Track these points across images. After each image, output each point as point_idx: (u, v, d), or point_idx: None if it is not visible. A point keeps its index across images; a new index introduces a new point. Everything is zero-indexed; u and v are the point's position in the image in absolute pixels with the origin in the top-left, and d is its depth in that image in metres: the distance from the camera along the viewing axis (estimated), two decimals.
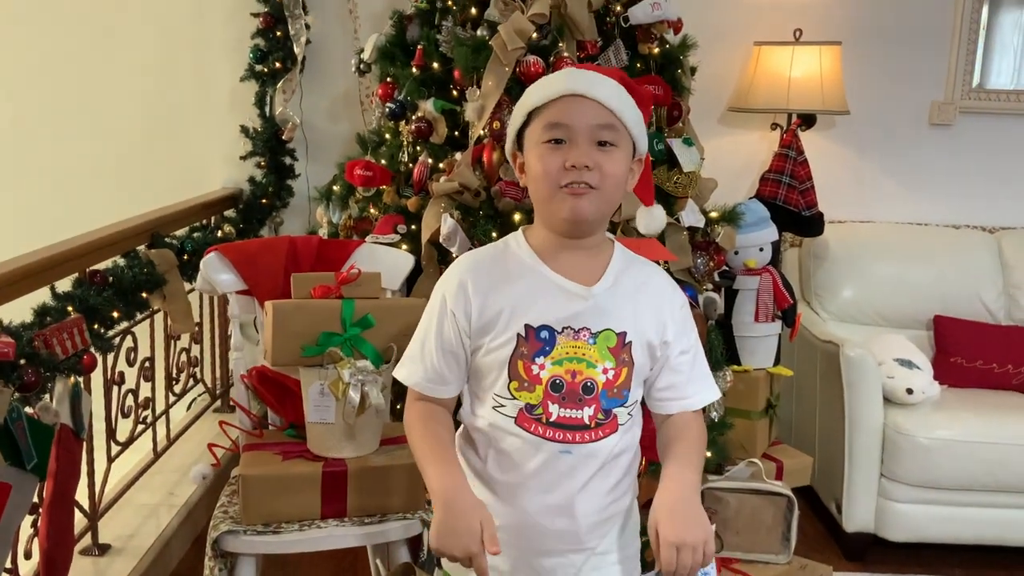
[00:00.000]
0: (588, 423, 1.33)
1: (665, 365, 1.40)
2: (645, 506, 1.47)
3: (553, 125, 1.29)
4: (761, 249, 2.83)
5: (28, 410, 1.77)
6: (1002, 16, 3.51)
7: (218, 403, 3.34)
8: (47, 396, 1.89)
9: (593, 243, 1.36)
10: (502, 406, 1.34)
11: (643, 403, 1.44)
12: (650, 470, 2.08)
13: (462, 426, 1.45)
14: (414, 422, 1.39)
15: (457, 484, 1.30)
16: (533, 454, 1.33)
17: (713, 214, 2.67)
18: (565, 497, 1.34)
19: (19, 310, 1.98)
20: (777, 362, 2.89)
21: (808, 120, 3.28)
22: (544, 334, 1.31)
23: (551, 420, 1.32)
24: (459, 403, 1.45)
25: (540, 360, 1.31)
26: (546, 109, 1.30)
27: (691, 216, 2.57)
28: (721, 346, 2.70)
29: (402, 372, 1.42)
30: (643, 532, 1.44)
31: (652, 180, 2.42)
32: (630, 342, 1.34)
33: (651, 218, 2.36)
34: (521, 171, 1.36)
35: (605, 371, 1.32)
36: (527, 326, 1.31)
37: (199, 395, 3.24)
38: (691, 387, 1.42)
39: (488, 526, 1.25)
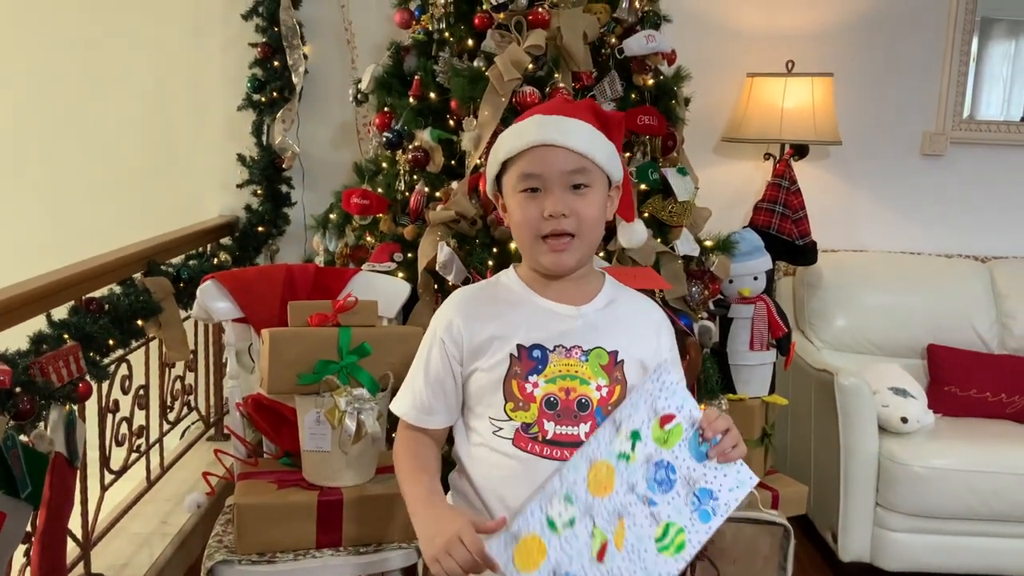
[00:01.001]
0: (584, 440, 1.34)
1: None
2: None
3: (527, 176, 1.33)
4: (755, 278, 2.85)
5: (23, 438, 1.77)
6: (991, 47, 3.56)
7: (212, 431, 3.33)
8: (42, 424, 1.89)
9: (581, 275, 1.41)
10: (500, 429, 1.35)
11: None
12: None
13: (455, 470, 1.45)
14: (401, 450, 1.41)
15: (436, 495, 1.33)
16: (530, 473, 1.33)
17: (708, 243, 2.69)
18: None
19: (15, 338, 1.98)
20: (772, 391, 2.89)
21: (801, 150, 3.30)
22: (536, 353, 1.34)
23: (547, 438, 1.33)
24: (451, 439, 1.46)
25: (533, 378, 1.33)
26: (519, 159, 1.34)
27: (686, 245, 2.59)
28: (716, 374, 2.71)
29: (396, 405, 1.45)
30: None
31: (632, 198, 2.44)
32: (622, 361, 1.37)
33: (632, 232, 2.37)
34: (504, 211, 1.41)
35: (599, 388, 1.35)
36: (519, 346, 1.34)
37: (193, 423, 3.23)
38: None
39: (475, 517, 1.26)
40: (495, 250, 2.42)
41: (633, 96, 2.62)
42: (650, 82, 2.63)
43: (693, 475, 1.27)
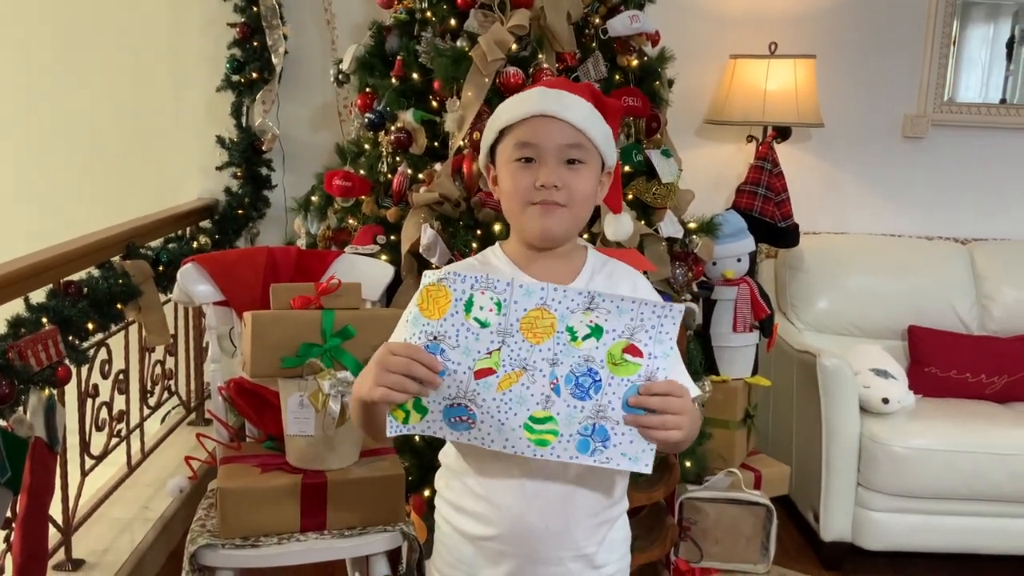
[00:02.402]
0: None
1: None
2: (633, 513, 1.47)
3: (523, 144, 1.32)
4: (739, 260, 2.86)
5: (1, 423, 1.75)
6: (971, 31, 3.58)
7: (192, 416, 3.30)
8: (21, 408, 1.86)
9: (566, 251, 1.40)
10: None
11: None
12: (632, 477, 2.08)
13: (446, 452, 1.44)
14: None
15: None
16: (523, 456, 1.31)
17: (691, 225, 2.69)
18: (556, 494, 1.33)
19: None
20: (755, 372, 2.91)
21: (783, 132, 3.31)
22: None
23: None
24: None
25: None
26: (517, 128, 1.33)
27: (670, 227, 2.58)
28: (700, 356, 2.72)
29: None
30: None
31: (620, 189, 2.43)
32: None
33: (618, 224, 2.36)
34: (494, 183, 1.40)
35: None
36: None
37: (173, 408, 3.20)
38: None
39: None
40: (479, 232, 2.41)
41: (617, 77, 2.60)
42: (634, 63, 2.61)
43: (607, 411, 1.21)
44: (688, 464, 2.65)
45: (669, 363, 1.23)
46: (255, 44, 3.29)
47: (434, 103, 2.58)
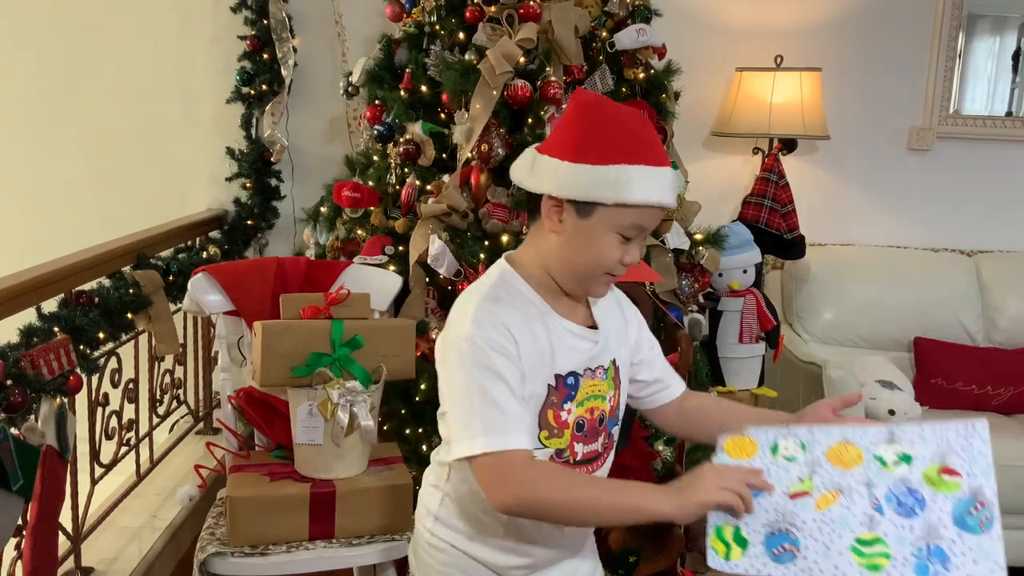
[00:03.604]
0: (601, 450, 1.37)
1: (643, 362, 1.45)
2: (632, 527, 1.51)
3: (639, 228, 1.26)
4: (745, 271, 2.87)
5: (14, 431, 1.76)
6: (977, 43, 3.59)
7: (200, 425, 3.32)
8: (33, 417, 1.88)
9: None
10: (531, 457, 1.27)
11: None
12: None
13: (458, 488, 1.37)
14: (551, 480, 1.22)
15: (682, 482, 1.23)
16: None
17: (697, 236, 2.70)
18: (581, 530, 1.41)
19: (5, 331, 1.98)
20: (761, 383, 2.91)
21: (789, 145, 3.32)
22: (571, 380, 1.31)
23: (577, 459, 1.34)
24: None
25: (567, 406, 1.31)
26: (639, 208, 1.24)
27: (676, 238, 2.60)
28: (706, 367, 2.72)
29: (476, 445, 1.21)
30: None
31: None
32: (619, 365, 1.39)
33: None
34: (559, 219, 1.28)
35: (610, 399, 1.37)
36: (557, 375, 1.30)
37: (181, 417, 3.22)
38: (670, 377, 1.48)
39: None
40: (486, 243, 2.43)
41: (624, 90, 2.62)
42: (641, 76, 2.64)
43: (942, 530, 1.15)
44: None
45: (988, 464, 1.19)
46: (265, 56, 3.32)
47: (442, 115, 2.61)
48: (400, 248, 2.54)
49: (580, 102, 1.29)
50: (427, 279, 2.48)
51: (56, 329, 2.10)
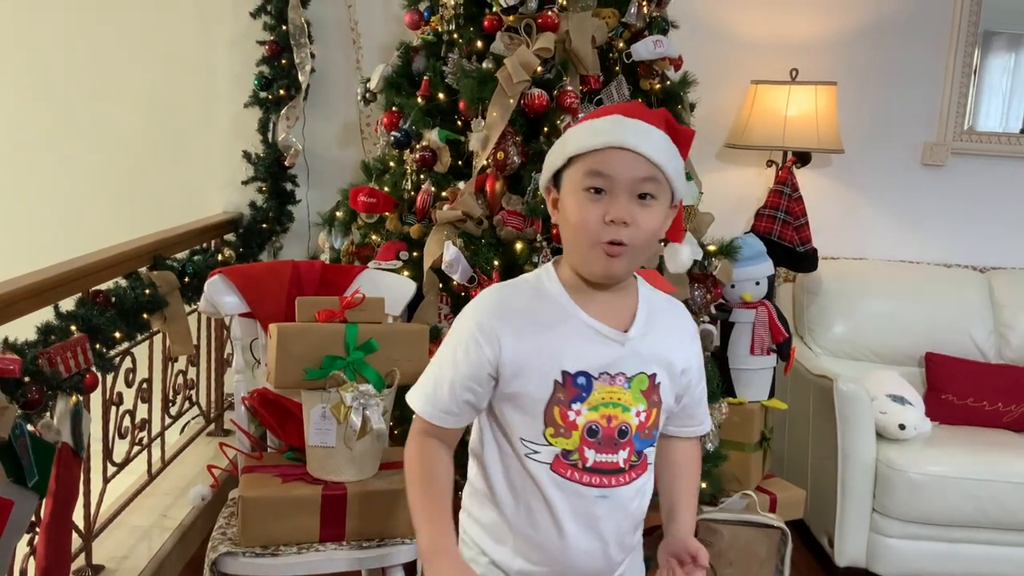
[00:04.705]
0: (623, 466, 1.32)
1: (686, 405, 1.42)
2: (649, 532, 1.49)
3: (595, 174, 1.24)
4: (757, 283, 2.87)
5: (30, 428, 1.78)
6: (992, 60, 3.59)
7: (211, 427, 3.34)
8: (48, 414, 1.90)
9: (622, 286, 1.34)
10: (536, 452, 1.30)
11: None
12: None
13: (477, 477, 1.40)
14: (414, 460, 1.35)
15: (446, 547, 1.29)
16: (569, 499, 1.30)
17: (711, 247, 2.71)
18: (602, 540, 1.33)
19: (23, 328, 2.00)
20: (772, 395, 2.91)
21: (803, 158, 3.33)
22: (581, 380, 1.28)
23: (587, 465, 1.30)
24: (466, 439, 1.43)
25: (577, 406, 1.28)
26: (589, 156, 1.25)
27: (689, 249, 2.60)
28: (717, 378, 2.72)
29: (414, 398, 1.36)
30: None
31: (683, 220, 2.47)
32: (659, 383, 1.34)
33: (675, 254, 2.41)
34: (554, 207, 1.32)
35: (638, 414, 1.31)
36: (564, 372, 1.28)
37: (193, 418, 3.24)
38: (700, 409, 1.45)
39: None
40: (500, 250, 2.44)
41: (639, 101, 2.63)
42: (657, 87, 2.65)
43: None
44: (703, 485, 2.65)
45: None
46: (283, 62, 3.34)
47: (459, 123, 2.62)
48: (414, 254, 2.55)
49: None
50: (441, 285, 2.49)
51: (73, 328, 2.12)
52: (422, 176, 2.62)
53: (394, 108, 2.79)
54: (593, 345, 1.30)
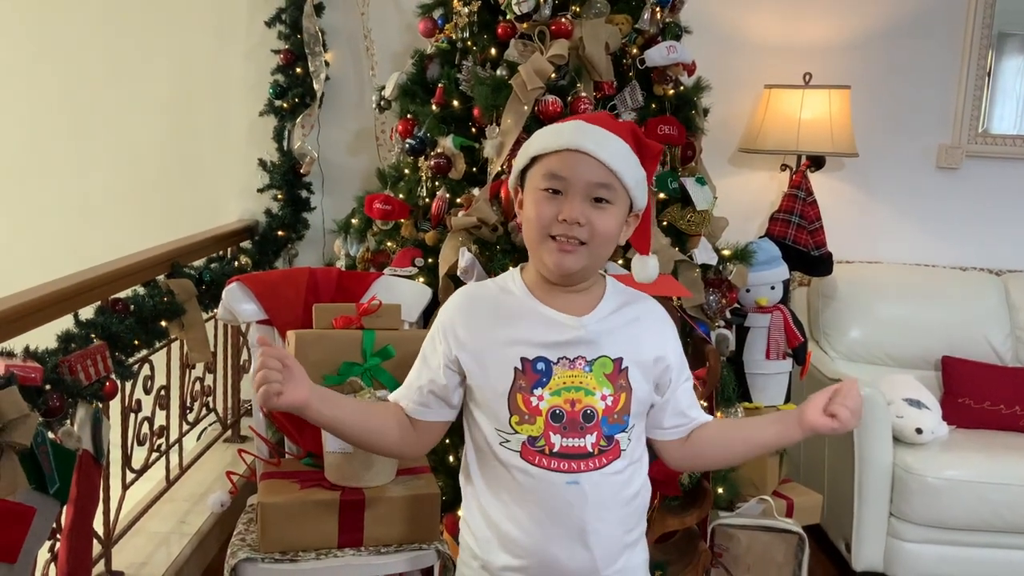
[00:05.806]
0: (592, 451, 1.34)
1: (671, 398, 1.43)
2: (659, 541, 1.49)
3: (552, 175, 1.32)
4: (772, 287, 2.87)
5: (51, 435, 1.80)
6: (1006, 62, 3.58)
7: (228, 433, 3.35)
8: (69, 421, 1.91)
9: (586, 286, 1.40)
10: (507, 441, 1.35)
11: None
12: (665, 502, 2.09)
13: (466, 483, 1.45)
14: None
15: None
16: (540, 487, 1.34)
17: (725, 252, 2.71)
18: (578, 529, 1.34)
19: (43, 337, 2.01)
20: (788, 400, 2.90)
21: (817, 161, 3.32)
22: (540, 365, 1.34)
23: (554, 451, 1.33)
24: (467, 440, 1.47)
25: (538, 392, 1.33)
26: (549, 157, 1.33)
27: (704, 254, 2.61)
28: (733, 383, 2.72)
29: (395, 392, 1.49)
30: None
31: (650, 232, 2.44)
32: (627, 368, 1.37)
33: (643, 266, 2.39)
34: (519, 207, 1.40)
35: (604, 398, 1.35)
36: (523, 359, 1.34)
37: (210, 424, 3.26)
38: (693, 411, 1.48)
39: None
40: (515, 256, 2.45)
41: (653, 106, 2.64)
42: (670, 92, 2.65)
43: None
44: (720, 490, 2.65)
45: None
46: (298, 70, 3.37)
47: (473, 130, 2.63)
48: (430, 260, 2.56)
49: None
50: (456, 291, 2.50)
51: (93, 335, 2.14)
52: (437, 183, 2.63)
53: (409, 115, 2.80)
54: (549, 331, 1.36)
